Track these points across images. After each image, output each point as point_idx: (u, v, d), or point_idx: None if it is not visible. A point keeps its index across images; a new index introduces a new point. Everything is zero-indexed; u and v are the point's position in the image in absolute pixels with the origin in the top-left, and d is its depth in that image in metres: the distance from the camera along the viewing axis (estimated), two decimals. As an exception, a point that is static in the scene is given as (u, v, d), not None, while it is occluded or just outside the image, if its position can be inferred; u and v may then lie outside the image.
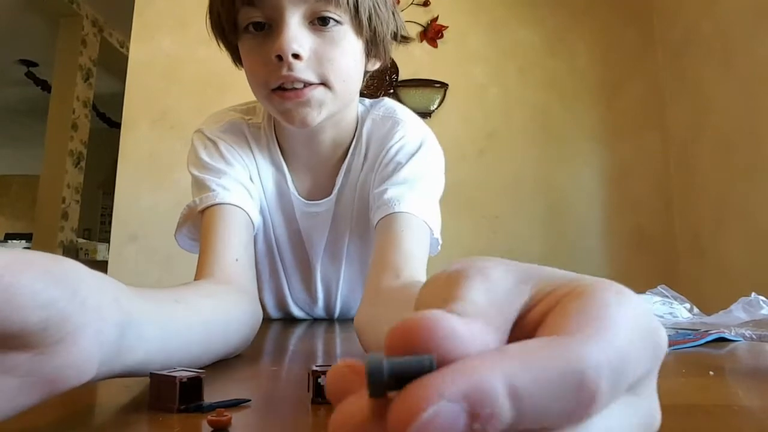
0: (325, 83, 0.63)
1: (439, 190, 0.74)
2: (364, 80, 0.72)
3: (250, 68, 0.66)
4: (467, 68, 2.59)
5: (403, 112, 0.78)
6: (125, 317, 0.28)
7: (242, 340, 0.52)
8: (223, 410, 0.27)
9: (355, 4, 0.63)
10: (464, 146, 2.50)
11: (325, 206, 0.79)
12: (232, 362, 0.48)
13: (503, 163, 2.53)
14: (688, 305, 0.86)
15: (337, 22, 0.62)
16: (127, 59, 2.60)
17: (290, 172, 0.78)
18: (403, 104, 0.81)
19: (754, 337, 0.62)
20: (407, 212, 0.65)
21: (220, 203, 0.67)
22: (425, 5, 2.57)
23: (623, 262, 2.44)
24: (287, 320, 0.89)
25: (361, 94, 0.74)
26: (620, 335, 0.15)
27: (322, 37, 0.62)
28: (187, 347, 0.38)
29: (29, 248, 4.29)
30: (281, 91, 0.62)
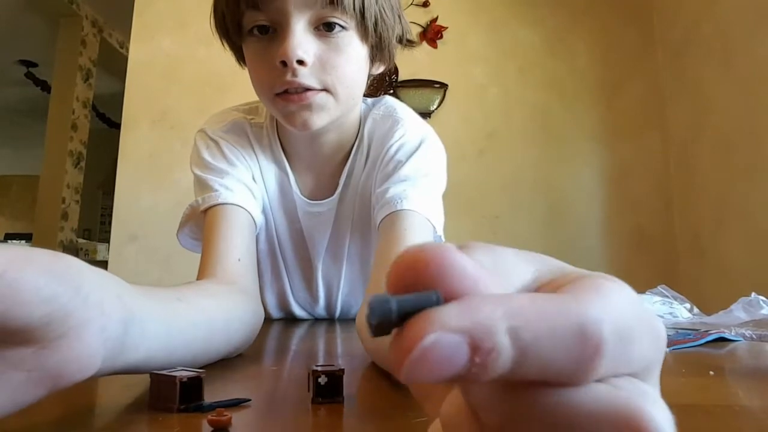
0: (328, 89, 0.63)
1: (441, 186, 0.74)
2: (367, 84, 0.72)
3: (254, 72, 0.66)
4: (467, 68, 2.59)
5: (403, 110, 0.77)
6: (128, 314, 0.28)
7: (244, 339, 0.52)
8: (223, 410, 0.27)
9: (361, 9, 0.62)
10: (464, 146, 2.50)
11: (327, 206, 0.79)
12: (232, 362, 0.48)
13: (503, 163, 2.53)
14: (688, 305, 0.86)
15: (342, 27, 0.62)
16: (126, 59, 2.60)
17: (293, 171, 0.78)
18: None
19: (754, 337, 0.62)
20: (410, 210, 0.65)
21: (222, 203, 0.67)
22: (425, 6, 2.57)
23: (623, 262, 2.44)
24: (288, 320, 0.89)
25: None
26: (623, 308, 0.15)
27: (327, 43, 0.62)
28: (188, 345, 0.38)
29: (29, 248, 4.28)
30: (285, 94, 0.62)
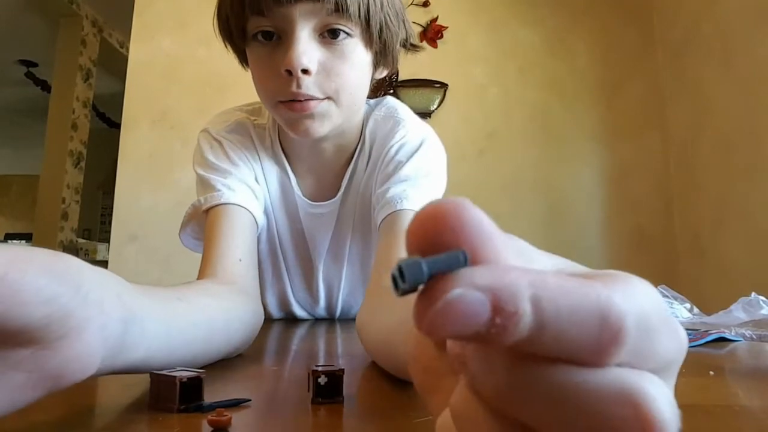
0: (331, 97, 0.63)
1: (441, 187, 0.74)
2: (370, 88, 0.71)
3: (258, 78, 0.65)
4: (467, 68, 2.59)
5: (404, 111, 0.78)
6: (128, 313, 0.28)
7: (244, 340, 0.52)
8: (223, 410, 0.27)
9: (366, 16, 0.62)
10: (464, 146, 2.50)
11: (329, 207, 0.79)
12: (232, 362, 0.48)
13: (503, 163, 2.52)
14: (688, 305, 0.86)
15: (347, 34, 0.62)
16: (126, 59, 2.60)
17: (294, 173, 0.78)
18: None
19: (754, 337, 0.62)
20: (410, 210, 0.64)
21: (225, 203, 0.67)
22: (425, 5, 2.57)
23: (623, 262, 2.44)
24: (288, 320, 0.89)
25: None
26: (649, 302, 0.15)
27: (331, 50, 0.61)
28: (189, 345, 0.38)
29: (29, 248, 4.28)
30: (288, 102, 0.62)
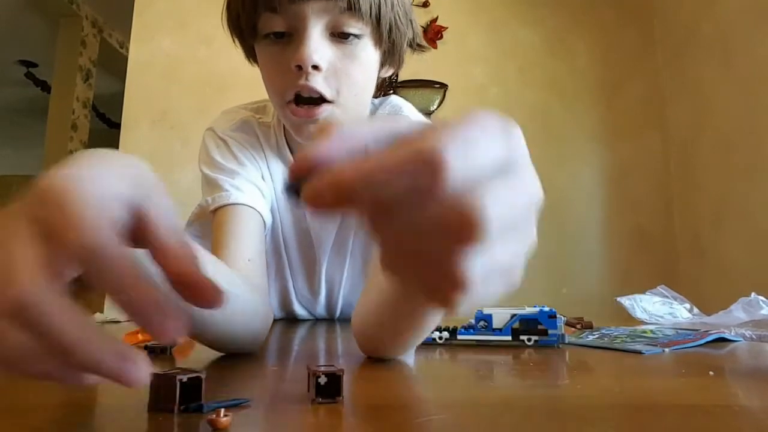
0: (336, 99, 0.64)
1: None
2: (375, 87, 0.72)
3: (267, 75, 0.66)
4: (467, 68, 2.59)
5: (408, 109, 0.78)
6: None
7: (259, 332, 0.52)
8: (222, 410, 0.27)
9: (377, 16, 0.63)
10: (464, 146, 2.49)
11: None
12: (232, 362, 0.48)
13: (503, 163, 2.52)
14: (688, 305, 0.86)
15: (357, 36, 0.63)
16: (126, 60, 2.60)
17: None
18: (403, 104, 0.81)
19: (754, 337, 0.62)
20: None
21: (233, 203, 0.68)
22: (425, 6, 2.57)
23: (623, 262, 2.44)
24: (288, 320, 0.89)
25: None
26: (469, 128, 0.19)
27: (341, 50, 0.63)
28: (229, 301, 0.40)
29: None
30: (294, 104, 0.63)
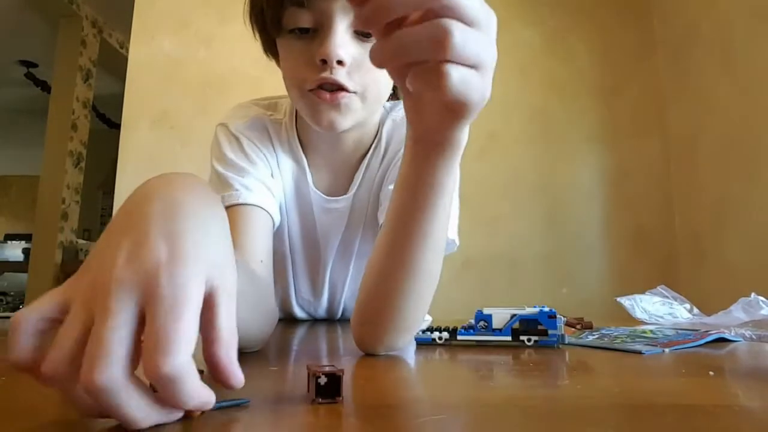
0: (359, 92, 0.64)
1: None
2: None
3: (289, 67, 0.66)
4: (467, 68, 2.58)
5: None
6: None
7: (266, 328, 0.53)
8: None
9: None
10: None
11: (343, 203, 0.80)
12: (232, 362, 0.48)
13: (503, 163, 2.52)
14: (688, 305, 0.86)
15: None
16: (126, 60, 2.60)
17: (310, 168, 0.79)
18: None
19: (754, 337, 0.62)
20: None
21: (243, 203, 0.68)
22: (425, 5, 2.57)
23: (623, 262, 2.44)
24: (288, 320, 0.89)
25: None
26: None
27: (365, 47, 0.63)
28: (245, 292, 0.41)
29: (29, 249, 4.29)
30: (317, 90, 0.63)
